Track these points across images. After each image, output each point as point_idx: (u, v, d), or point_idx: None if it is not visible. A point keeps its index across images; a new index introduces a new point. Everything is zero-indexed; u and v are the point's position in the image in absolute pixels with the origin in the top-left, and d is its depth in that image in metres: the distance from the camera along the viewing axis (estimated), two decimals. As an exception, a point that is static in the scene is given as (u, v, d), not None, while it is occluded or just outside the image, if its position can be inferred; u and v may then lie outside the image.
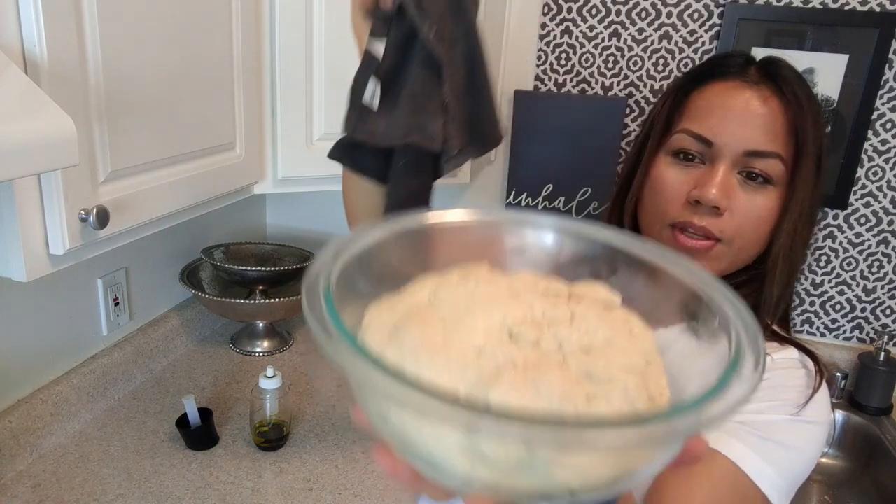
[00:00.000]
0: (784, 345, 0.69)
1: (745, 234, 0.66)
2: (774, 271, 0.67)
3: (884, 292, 1.56)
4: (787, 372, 0.66)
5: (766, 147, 0.64)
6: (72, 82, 0.76)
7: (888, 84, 1.43)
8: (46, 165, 0.63)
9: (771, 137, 0.64)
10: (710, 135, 0.65)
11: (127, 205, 0.86)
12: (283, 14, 1.12)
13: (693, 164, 0.67)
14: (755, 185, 0.65)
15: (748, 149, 0.64)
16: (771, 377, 0.65)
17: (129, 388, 1.37)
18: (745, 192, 0.65)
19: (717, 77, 0.68)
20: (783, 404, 0.64)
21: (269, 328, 1.61)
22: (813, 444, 0.66)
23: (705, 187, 0.64)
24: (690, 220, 0.65)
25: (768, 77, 0.66)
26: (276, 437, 1.23)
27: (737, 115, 0.65)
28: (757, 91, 0.65)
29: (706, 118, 0.66)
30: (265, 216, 1.91)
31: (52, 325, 1.22)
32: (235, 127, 1.10)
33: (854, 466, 1.50)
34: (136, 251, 1.41)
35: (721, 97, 0.66)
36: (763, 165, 0.64)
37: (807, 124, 0.64)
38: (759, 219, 0.65)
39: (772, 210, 0.65)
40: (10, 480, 1.09)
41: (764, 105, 0.65)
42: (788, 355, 0.68)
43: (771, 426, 0.64)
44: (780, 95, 0.65)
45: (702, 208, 0.65)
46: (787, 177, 0.65)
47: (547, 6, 1.54)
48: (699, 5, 1.47)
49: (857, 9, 1.40)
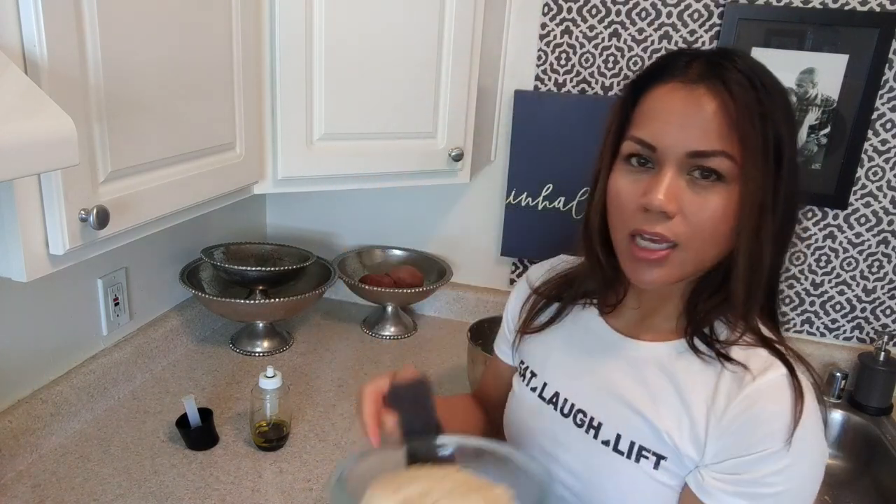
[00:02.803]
0: (771, 356, 0.67)
1: (702, 235, 0.65)
2: (736, 269, 0.66)
3: (884, 292, 1.56)
4: (772, 403, 0.64)
5: (709, 146, 0.63)
6: (72, 82, 0.76)
7: (888, 84, 1.43)
8: (46, 165, 0.63)
9: (713, 136, 0.62)
10: (653, 140, 0.65)
11: (127, 205, 0.86)
12: (283, 14, 1.12)
13: (644, 169, 0.66)
14: (707, 183, 0.64)
15: (690, 150, 0.63)
16: (756, 412, 0.64)
17: (129, 388, 1.37)
18: (695, 194, 0.64)
19: (661, 79, 0.66)
20: (767, 454, 0.63)
21: (269, 328, 1.61)
22: (807, 480, 0.65)
23: (651, 193, 0.64)
24: (642, 227, 0.65)
25: (710, 74, 0.64)
26: (276, 437, 1.23)
27: (676, 117, 0.64)
28: (696, 90, 0.63)
29: (649, 123, 0.66)
30: (265, 216, 1.91)
31: (52, 325, 1.22)
32: (235, 127, 1.10)
33: (854, 466, 1.50)
34: (136, 251, 1.41)
35: (661, 100, 0.65)
36: (709, 164, 0.63)
37: (749, 118, 0.62)
38: (713, 218, 0.64)
39: (727, 207, 0.64)
40: (10, 480, 1.09)
41: (702, 104, 0.63)
42: (775, 375, 0.65)
43: (757, 480, 0.64)
44: (723, 91, 0.63)
45: (652, 214, 0.64)
46: (738, 172, 0.63)
47: (547, 6, 1.54)
48: (699, 5, 1.47)
49: (857, 9, 1.40)
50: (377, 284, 1.68)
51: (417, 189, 1.74)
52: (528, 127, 1.61)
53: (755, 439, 0.63)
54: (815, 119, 1.47)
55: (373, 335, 1.72)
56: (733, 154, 0.62)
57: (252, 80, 1.11)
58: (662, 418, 0.69)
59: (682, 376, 0.70)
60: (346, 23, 1.18)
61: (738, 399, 0.65)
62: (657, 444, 0.70)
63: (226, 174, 1.08)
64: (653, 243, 0.66)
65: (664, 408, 0.70)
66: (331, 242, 1.90)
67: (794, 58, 1.44)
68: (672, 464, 0.69)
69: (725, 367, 0.67)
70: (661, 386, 0.71)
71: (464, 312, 1.83)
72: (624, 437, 0.72)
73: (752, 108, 0.62)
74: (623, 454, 0.72)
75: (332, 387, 1.46)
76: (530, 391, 0.85)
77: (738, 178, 0.63)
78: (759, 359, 0.66)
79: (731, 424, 0.65)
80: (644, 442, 0.70)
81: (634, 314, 0.77)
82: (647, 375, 0.72)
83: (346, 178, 1.30)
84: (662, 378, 0.71)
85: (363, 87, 1.23)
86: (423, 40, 1.26)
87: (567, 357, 0.82)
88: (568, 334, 0.83)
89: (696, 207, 0.64)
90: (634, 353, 0.75)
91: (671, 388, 0.70)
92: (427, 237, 1.83)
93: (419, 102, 1.30)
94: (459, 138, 1.37)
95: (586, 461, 0.76)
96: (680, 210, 0.64)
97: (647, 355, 0.73)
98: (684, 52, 0.67)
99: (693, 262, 0.67)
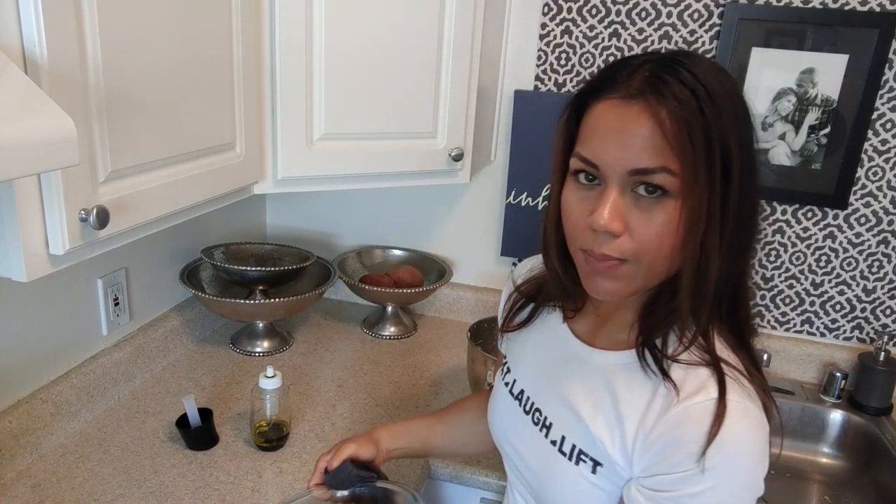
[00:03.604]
0: (710, 377, 0.64)
1: (650, 252, 0.64)
2: (681, 282, 0.65)
3: (884, 292, 1.56)
4: (695, 427, 0.62)
5: (649, 163, 0.61)
6: (72, 82, 0.76)
7: (888, 84, 1.43)
8: (46, 165, 0.63)
9: (653, 153, 0.61)
10: (594, 158, 0.64)
11: (127, 205, 0.86)
12: (283, 14, 1.12)
13: (592, 185, 0.65)
14: (651, 199, 0.62)
15: (630, 168, 0.62)
16: (678, 434, 0.63)
17: (129, 388, 1.37)
18: (640, 210, 0.63)
19: (600, 94, 0.65)
20: (686, 476, 0.62)
21: (269, 328, 1.61)
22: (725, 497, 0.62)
23: (595, 214, 0.63)
24: (591, 247, 0.65)
25: (649, 88, 0.61)
26: (276, 437, 1.23)
27: (615, 135, 0.62)
28: (633, 107, 0.61)
29: (590, 140, 0.65)
30: (265, 216, 1.91)
31: (52, 325, 1.22)
32: (235, 127, 1.10)
33: (854, 466, 1.50)
34: (136, 251, 1.41)
35: (602, 117, 0.64)
36: (652, 181, 0.61)
37: (688, 133, 0.60)
38: (659, 234, 0.63)
39: (672, 222, 0.62)
40: (10, 480, 1.09)
41: (640, 121, 0.61)
42: (704, 399, 0.63)
43: (676, 500, 0.63)
44: (659, 107, 0.60)
45: (599, 234, 0.64)
46: (681, 186, 0.62)
47: (547, 6, 1.55)
48: (699, 5, 1.47)
49: (857, 9, 1.40)
50: (377, 284, 1.69)
51: (417, 189, 1.74)
52: (528, 127, 1.61)
53: (675, 459, 0.63)
54: (815, 119, 1.47)
55: (373, 335, 1.72)
56: (674, 169, 0.61)
57: (252, 80, 1.11)
58: (599, 426, 0.70)
59: (622, 389, 0.70)
60: (347, 23, 1.18)
61: (664, 418, 0.64)
62: (594, 451, 0.71)
63: (226, 174, 1.08)
64: (604, 259, 0.65)
65: (601, 416, 0.70)
66: (331, 242, 1.90)
67: (794, 58, 1.44)
68: (607, 471, 0.70)
69: (663, 384, 0.66)
70: (602, 395, 0.71)
71: (464, 312, 1.83)
72: (567, 439, 0.74)
73: (692, 121, 0.60)
74: (566, 455, 0.73)
75: (332, 387, 1.46)
76: (504, 385, 0.87)
77: (681, 193, 0.62)
78: (696, 380, 0.65)
79: (655, 442, 0.65)
80: (583, 447, 0.72)
81: (594, 321, 0.78)
82: (594, 383, 0.73)
83: (346, 178, 1.30)
84: (604, 387, 0.72)
85: (363, 87, 1.23)
86: (424, 40, 1.26)
87: (534, 356, 0.84)
88: (539, 334, 0.85)
89: (642, 225, 0.63)
90: (588, 359, 0.75)
91: (609, 398, 0.70)
92: (427, 237, 1.83)
93: (419, 102, 1.30)
94: (459, 138, 1.37)
95: (539, 459, 0.78)
96: (626, 228, 0.63)
97: (598, 363, 0.74)
98: (628, 62, 0.65)
99: (645, 276, 0.66)
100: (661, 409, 0.65)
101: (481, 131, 1.48)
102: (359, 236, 1.88)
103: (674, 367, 0.66)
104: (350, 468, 0.92)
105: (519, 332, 0.89)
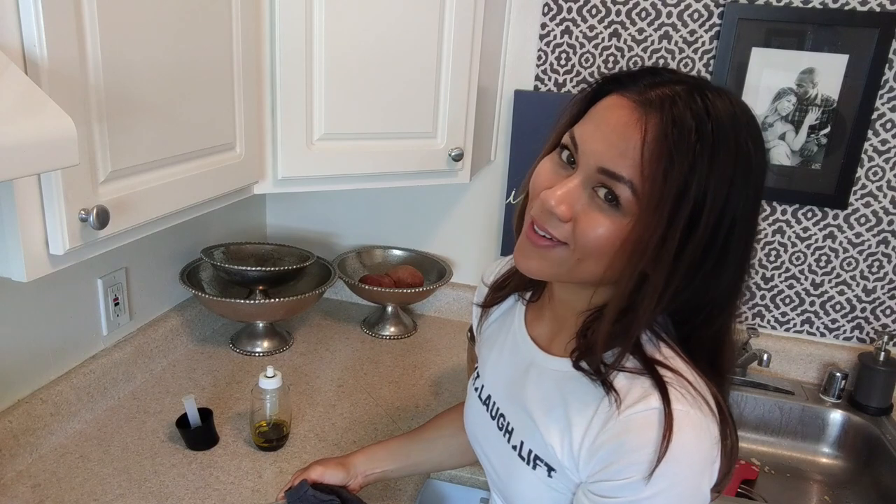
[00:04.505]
0: (652, 387, 0.63)
1: (585, 249, 0.63)
2: (607, 308, 0.64)
3: (884, 292, 1.56)
4: (636, 435, 0.62)
5: (619, 170, 0.60)
6: (72, 82, 0.75)
7: (888, 84, 1.43)
8: (46, 165, 0.63)
9: (629, 163, 0.59)
10: (581, 142, 0.64)
11: (127, 205, 0.86)
12: (283, 14, 1.12)
13: (567, 165, 0.65)
14: (604, 205, 0.61)
15: (600, 165, 0.61)
16: (620, 442, 0.62)
17: (129, 388, 1.37)
18: (590, 210, 0.62)
19: (623, 88, 0.64)
20: (626, 483, 0.62)
21: (269, 328, 1.61)
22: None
23: (550, 191, 0.63)
24: (538, 217, 0.65)
25: (661, 104, 0.59)
26: (276, 437, 1.23)
27: (605, 129, 0.62)
28: (636, 113, 0.60)
29: (587, 124, 0.64)
30: (265, 216, 1.91)
31: (52, 325, 1.22)
32: (235, 127, 1.09)
33: (854, 466, 1.50)
34: (136, 251, 1.41)
35: (607, 109, 0.63)
36: (613, 188, 0.60)
37: (668, 163, 0.58)
38: (598, 240, 0.62)
39: (615, 237, 0.61)
40: (10, 480, 1.09)
41: (635, 128, 0.59)
42: (645, 407, 0.62)
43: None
44: (657, 127, 0.59)
45: (547, 211, 0.64)
46: (636, 209, 0.60)
47: (547, 6, 1.55)
48: (699, 5, 1.47)
49: (857, 9, 1.40)
50: (377, 284, 1.69)
51: (417, 189, 1.74)
52: (528, 127, 1.61)
53: (618, 467, 0.63)
54: (815, 119, 1.47)
55: (373, 335, 1.72)
56: (638, 189, 0.59)
57: (252, 80, 1.11)
58: (551, 432, 0.70)
59: (572, 396, 0.70)
60: (347, 23, 1.18)
61: (607, 426, 0.64)
62: (547, 456, 0.71)
63: (226, 174, 1.08)
64: (544, 237, 0.65)
65: (553, 422, 0.71)
66: (331, 242, 1.90)
67: (794, 58, 1.44)
68: (560, 475, 0.70)
69: (607, 394, 0.66)
70: (555, 401, 0.71)
71: (464, 312, 1.83)
72: (525, 444, 0.74)
73: (677, 154, 0.57)
74: (524, 460, 0.74)
75: (332, 387, 1.46)
76: (475, 391, 0.89)
77: (635, 215, 0.60)
78: (640, 389, 0.64)
79: (598, 450, 0.65)
80: (538, 451, 0.72)
81: (552, 327, 0.78)
82: (547, 389, 0.73)
83: (346, 178, 1.30)
84: (556, 394, 0.72)
85: (363, 87, 1.23)
86: (424, 40, 1.26)
87: (498, 361, 0.84)
88: (504, 338, 0.85)
89: (586, 225, 0.62)
90: (543, 365, 0.76)
91: (561, 405, 0.70)
92: (427, 237, 1.83)
93: (419, 102, 1.30)
94: (459, 138, 1.37)
95: (503, 462, 0.78)
96: (573, 218, 0.63)
97: (552, 370, 0.74)
98: (660, 73, 0.64)
99: (572, 267, 0.65)
100: (605, 417, 0.65)
101: (481, 131, 1.48)
102: (359, 236, 1.88)
103: (619, 375, 0.66)
104: (306, 488, 0.95)
105: (487, 333, 0.89)
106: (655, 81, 0.62)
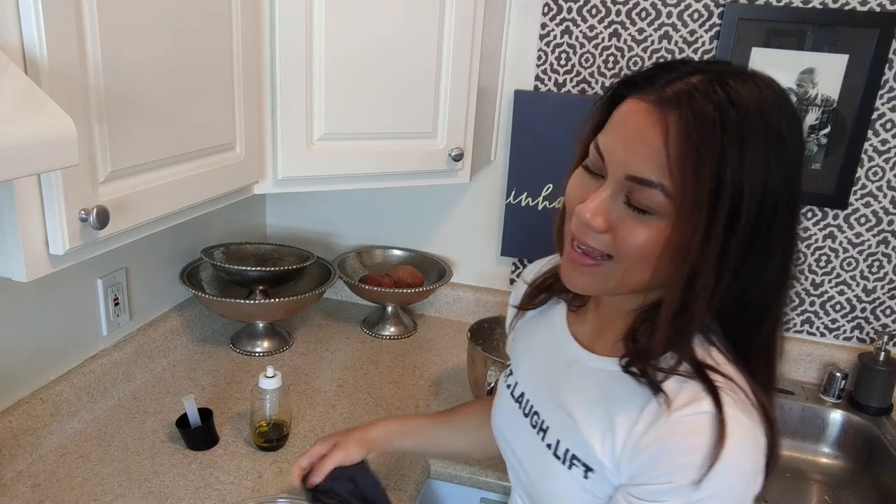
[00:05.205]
0: (703, 391, 0.62)
1: (628, 259, 0.62)
2: (661, 312, 0.63)
3: (884, 292, 1.56)
4: (684, 439, 0.61)
5: (647, 175, 0.59)
6: (72, 82, 0.75)
7: (888, 84, 1.43)
8: (46, 165, 0.63)
9: (655, 165, 0.58)
10: (605, 151, 0.63)
11: (127, 205, 0.86)
12: (283, 14, 1.12)
13: (596, 177, 0.65)
14: (636, 213, 0.61)
15: (629, 173, 0.60)
16: (667, 444, 0.62)
17: (129, 388, 1.37)
18: (627, 218, 0.61)
19: (639, 90, 0.62)
20: (674, 487, 0.61)
21: (269, 328, 1.61)
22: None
23: (583, 205, 0.63)
24: (577, 233, 0.65)
25: (679, 101, 0.58)
26: (276, 437, 1.23)
27: (628, 136, 0.60)
28: (654, 115, 0.59)
29: (609, 133, 0.63)
30: (265, 216, 1.91)
31: (52, 325, 1.22)
32: (235, 127, 1.10)
33: (854, 466, 1.50)
34: (136, 251, 1.41)
35: (626, 115, 0.62)
36: (643, 194, 0.59)
37: (697, 160, 0.56)
38: (639, 248, 0.61)
39: (657, 242, 0.60)
40: (10, 480, 1.09)
41: (656, 131, 0.58)
42: (695, 410, 0.61)
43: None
44: (679, 124, 0.57)
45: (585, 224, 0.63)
46: (673, 212, 0.59)
47: (547, 6, 1.55)
48: (699, 5, 1.47)
49: (857, 9, 1.40)
50: (377, 284, 1.69)
51: (417, 189, 1.74)
52: (528, 127, 1.61)
53: (664, 470, 0.62)
54: (815, 119, 1.47)
55: (373, 335, 1.72)
56: (671, 191, 0.58)
57: (252, 80, 1.11)
58: (591, 432, 0.70)
59: (617, 396, 0.69)
60: (347, 23, 1.18)
61: (653, 428, 0.63)
62: (586, 456, 0.70)
63: (226, 174, 1.08)
64: (586, 255, 0.65)
65: (594, 422, 0.70)
66: (331, 242, 1.90)
67: (794, 58, 1.44)
68: (598, 476, 0.69)
69: (656, 395, 0.65)
70: (597, 401, 0.71)
71: (464, 312, 1.83)
72: (562, 443, 0.73)
73: (703, 148, 0.56)
74: (560, 459, 0.73)
75: (332, 387, 1.46)
76: (507, 388, 0.87)
77: (672, 218, 0.59)
78: (690, 392, 0.62)
79: (643, 451, 0.64)
80: (576, 451, 0.71)
81: (595, 327, 0.77)
82: (589, 388, 0.73)
83: (346, 178, 1.30)
84: (600, 393, 0.71)
85: (363, 87, 1.23)
86: (424, 40, 1.26)
87: (535, 360, 0.84)
88: (542, 337, 0.84)
89: (625, 233, 0.61)
90: (586, 364, 0.75)
91: (604, 404, 0.70)
92: (427, 237, 1.83)
93: (419, 102, 1.30)
94: (459, 138, 1.37)
95: (535, 461, 0.77)
96: (610, 228, 0.62)
97: (596, 369, 0.73)
98: (675, 67, 0.62)
99: (621, 280, 0.64)
100: (652, 418, 0.64)
101: (481, 131, 1.48)
102: (359, 236, 1.88)
103: (669, 377, 0.65)
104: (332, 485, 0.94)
105: (521, 331, 0.88)
106: (671, 78, 0.60)
